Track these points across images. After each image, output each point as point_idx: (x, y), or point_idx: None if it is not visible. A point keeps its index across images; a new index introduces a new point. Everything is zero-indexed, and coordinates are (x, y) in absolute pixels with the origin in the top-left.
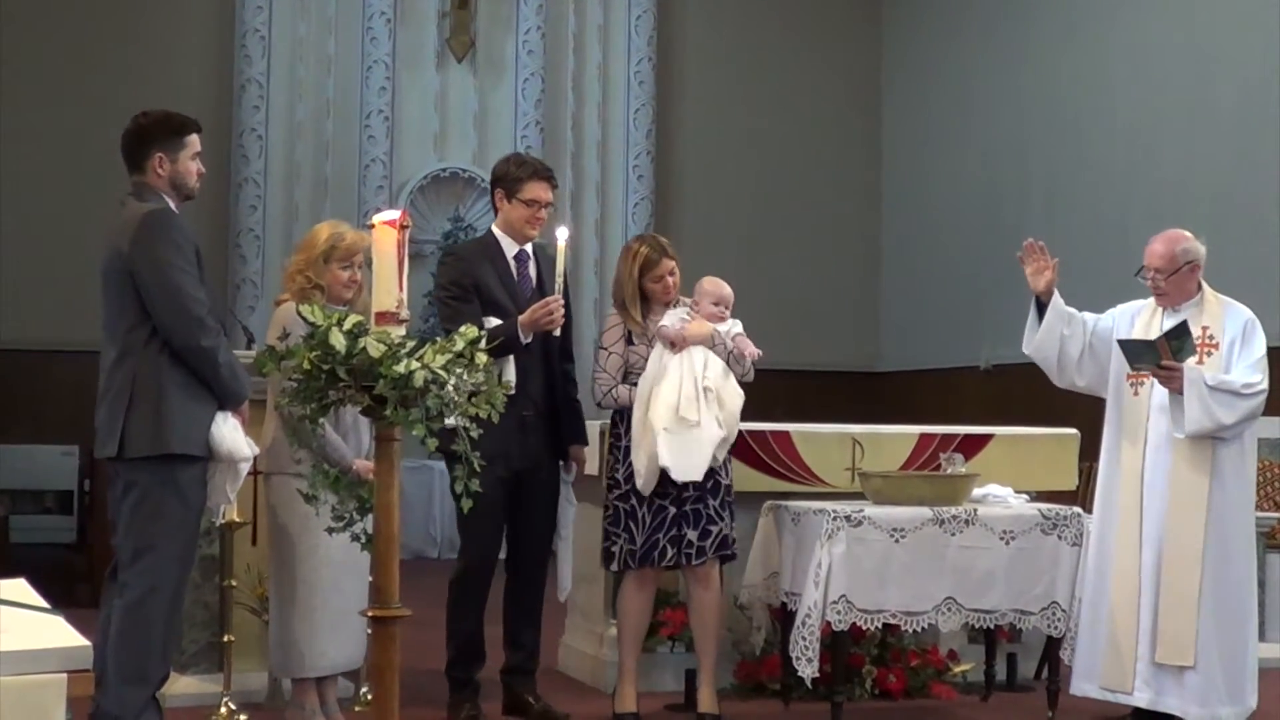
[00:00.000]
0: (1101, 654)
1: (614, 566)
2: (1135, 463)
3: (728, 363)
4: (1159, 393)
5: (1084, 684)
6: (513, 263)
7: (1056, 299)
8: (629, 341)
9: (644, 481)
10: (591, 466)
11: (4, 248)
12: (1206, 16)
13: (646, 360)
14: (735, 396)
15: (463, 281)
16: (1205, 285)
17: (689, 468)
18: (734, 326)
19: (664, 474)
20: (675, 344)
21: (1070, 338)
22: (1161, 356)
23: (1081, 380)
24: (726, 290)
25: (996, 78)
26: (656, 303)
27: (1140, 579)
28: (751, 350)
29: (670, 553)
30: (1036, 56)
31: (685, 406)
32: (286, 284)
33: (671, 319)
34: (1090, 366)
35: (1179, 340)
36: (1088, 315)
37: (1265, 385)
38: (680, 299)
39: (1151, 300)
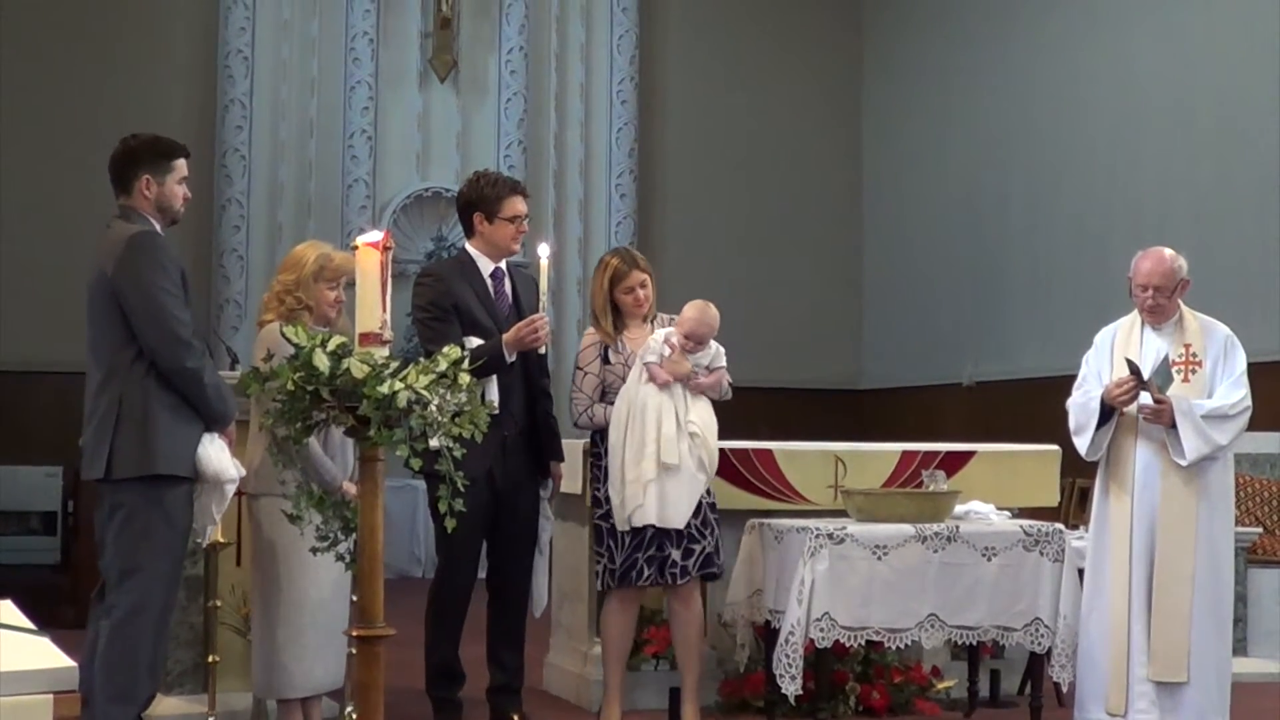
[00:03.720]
0: (1104, 677)
1: (598, 586)
2: (1125, 485)
3: (704, 393)
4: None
5: (1092, 710)
6: (489, 281)
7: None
8: (605, 360)
9: (620, 521)
10: (569, 484)
11: None
12: (1186, 31)
13: (622, 379)
14: (714, 430)
15: (442, 302)
16: (1181, 304)
17: (674, 515)
18: (718, 358)
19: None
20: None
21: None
22: (1151, 393)
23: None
24: (707, 325)
25: (977, 95)
26: (629, 315)
27: (1131, 598)
28: (709, 382)
29: (648, 572)
30: (1016, 74)
31: (666, 450)
32: (270, 305)
33: (655, 345)
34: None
35: (1162, 375)
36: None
37: (1249, 400)
38: (667, 317)
39: (1128, 319)
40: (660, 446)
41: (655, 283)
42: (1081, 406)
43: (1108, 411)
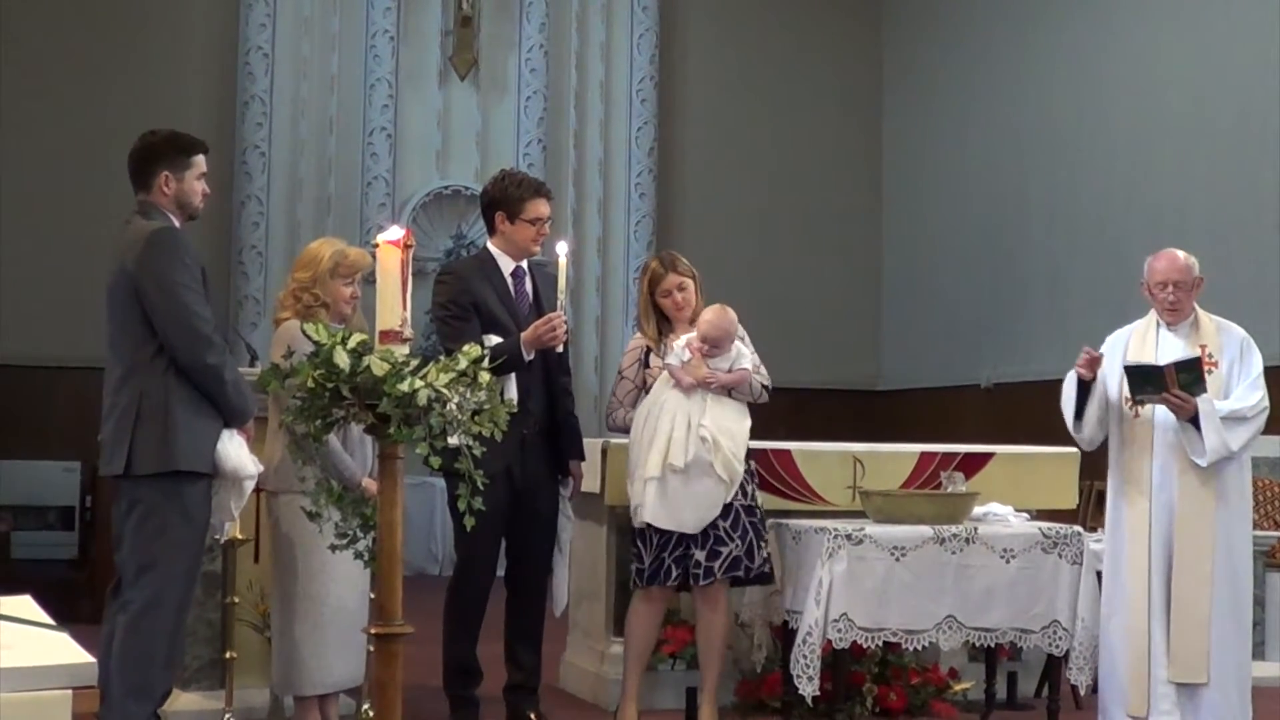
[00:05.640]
0: (1126, 679)
1: (631, 585)
2: (1142, 485)
3: (732, 395)
4: (1161, 415)
5: (1115, 714)
6: (510, 280)
7: (1097, 379)
8: (646, 364)
9: (635, 517)
10: (589, 484)
11: (7, 264)
12: (1204, 37)
13: (631, 382)
14: (738, 437)
15: (462, 300)
16: (1196, 305)
17: (683, 520)
18: (740, 360)
19: None
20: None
21: (1100, 399)
22: (1169, 385)
23: (1102, 434)
24: (723, 330)
25: (996, 98)
26: (674, 319)
27: (1150, 600)
28: (748, 380)
29: (675, 572)
30: (1035, 77)
31: (674, 453)
32: (287, 302)
33: (677, 349)
34: (1104, 417)
35: (1190, 374)
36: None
37: (1267, 402)
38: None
39: (1143, 322)
40: (668, 448)
41: (699, 285)
42: (1066, 383)
43: (1084, 390)
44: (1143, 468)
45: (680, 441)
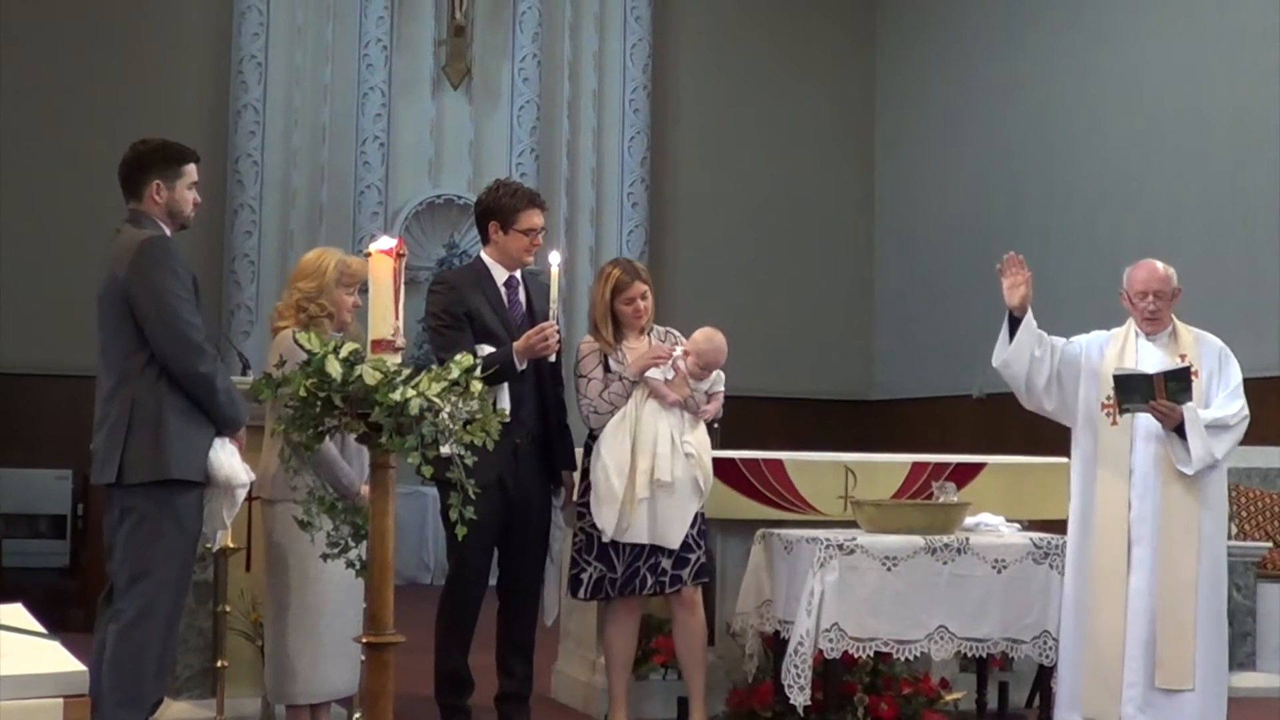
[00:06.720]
0: (1085, 683)
1: (582, 594)
2: (1119, 492)
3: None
4: (1142, 423)
5: (1068, 715)
6: (503, 289)
7: (1030, 316)
8: (606, 367)
9: (608, 532)
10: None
11: (0, 272)
12: (1198, 46)
13: (623, 384)
14: (709, 451)
15: (454, 310)
16: (1174, 316)
17: (669, 535)
18: (717, 383)
19: None
20: (661, 397)
21: (1040, 360)
22: (1156, 394)
23: (1049, 405)
24: (720, 352)
25: (989, 108)
26: (628, 327)
27: (1128, 607)
28: (712, 410)
29: (650, 581)
30: (1029, 87)
31: (660, 468)
32: (286, 313)
33: (665, 365)
34: (1057, 393)
35: (1178, 383)
36: (1056, 339)
37: (1246, 410)
38: (664, 330)
39: (1120, 330)
40: (655, 465)
41: (653, 294)
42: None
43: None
44: (1121, 476)
45: (666, 458)
